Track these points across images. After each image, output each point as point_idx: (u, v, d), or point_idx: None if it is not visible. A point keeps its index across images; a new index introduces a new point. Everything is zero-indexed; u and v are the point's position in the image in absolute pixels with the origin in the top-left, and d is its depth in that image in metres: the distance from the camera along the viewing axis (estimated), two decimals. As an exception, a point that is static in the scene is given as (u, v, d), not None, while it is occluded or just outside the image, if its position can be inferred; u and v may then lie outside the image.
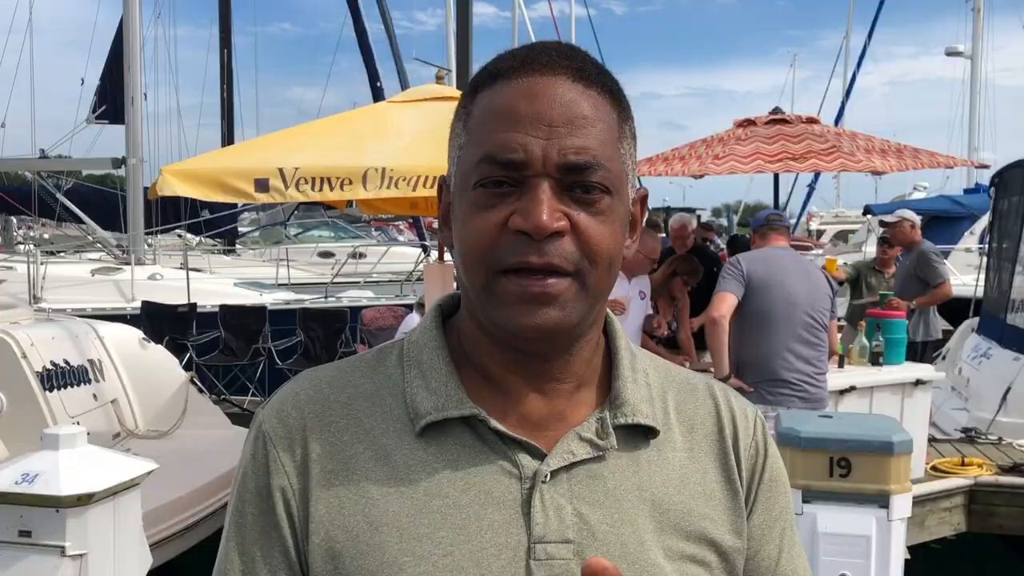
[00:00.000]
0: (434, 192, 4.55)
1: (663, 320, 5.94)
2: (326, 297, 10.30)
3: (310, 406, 0.84)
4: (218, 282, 10.86)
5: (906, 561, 3.31)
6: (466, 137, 0.83)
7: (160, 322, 9.10)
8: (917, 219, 7.33)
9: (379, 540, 0.79)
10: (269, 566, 0.82)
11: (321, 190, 4.60)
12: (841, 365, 5.26)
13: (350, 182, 4.60)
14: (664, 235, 8.13)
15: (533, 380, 0.84)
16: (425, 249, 12.66)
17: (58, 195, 12.61)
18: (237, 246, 16.92)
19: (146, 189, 10.19)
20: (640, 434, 0.86)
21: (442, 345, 0.86)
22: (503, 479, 0.81)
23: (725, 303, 4.25)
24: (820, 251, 20.82)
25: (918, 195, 19.86)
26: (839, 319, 5.52)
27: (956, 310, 8.25)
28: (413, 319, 8.08)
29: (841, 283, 7.14)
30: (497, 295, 0.79)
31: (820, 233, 27.02)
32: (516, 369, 0.84)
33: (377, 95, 13.06)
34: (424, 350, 0.87)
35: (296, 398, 0.85)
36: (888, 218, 7.58)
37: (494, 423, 0.81)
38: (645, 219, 0.92)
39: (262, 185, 4.61)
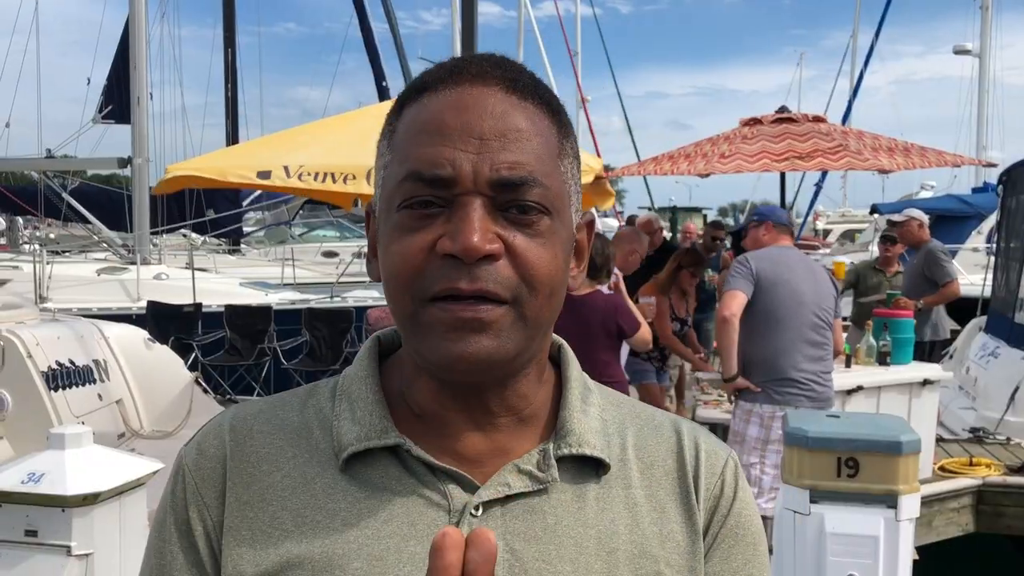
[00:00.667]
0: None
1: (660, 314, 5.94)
2: (332, 297, 10.31)
3: (231, 435, 0.80)
4: (224, 282, 10.88)
5: (914, 562, 3.29)
6: (390, 155, 0.77)
7: (166, 322, 9.11)
8: (925, 218, 7.31)
9: (290, 573, 0.74)
10: None
11: (324, 182, 4.62)
12: (848, 365, 5.24)
13: (353, 177, 4.61)
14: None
15: (469, 416, 0.78)
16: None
17: (64, 195, 12.65)
18: (242, 246, 16.95)
19: (152, 188, 10.24)
20: (589, 468, 0.80)
21: (372, 375, 0.82)
22: (428, 511, 0.75)
23: (736, 301, 4.24)
24: (827, 250, 20.80)
25: (925, 194, 19.77)
26: (844, 319, 5.50)
27: (963, 309, 8.22)
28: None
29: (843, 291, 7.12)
30: (424, 325, 0.73)
31: (826, 232, 26.98)
32: (452, 405, 0.78)
33: (383, 94, 13.09)
34: (354, 382, 0.82)
35: (219, 429, 0.81)
36: (896, 217, 7.55)
37: (417, 451, 0.76)
38: (625, 220, 0.86)
39: (264, 175, 4.65)
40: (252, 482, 0.78)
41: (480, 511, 0.75)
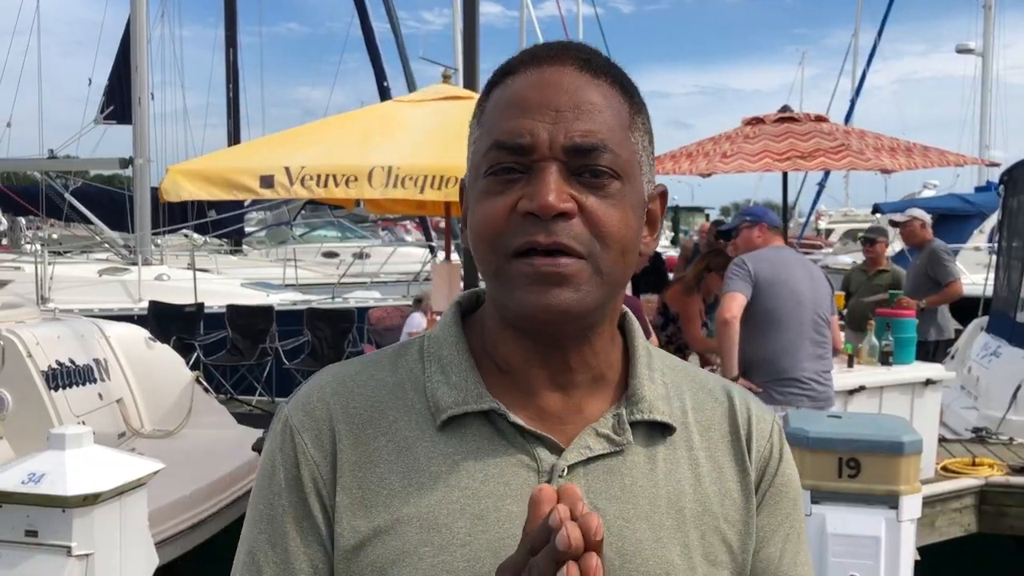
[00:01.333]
0: (440, 193, 4.56)
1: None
2: (333, 297, 10.32)
3: (335, 399, 0.86)
4: (225, 282, 10.89)
5: (915, 562, 3.28)
6: (479, 131, 0.85)
7: (167, 322, 9.12)
8: (927, 218, 7.27)
9: (400, 530, 0.80)
10: (307, 555, 0.83)
11: (326, 187, 4.59)
12: (851, 365, 5.23)
13: (356, 179, 4.59)
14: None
15: (551, 372, 0.85)
16: (432, 249, 12.66)
17: (66, 195, 12.65)
18: (244, 246, 16.96)
19: (154, 189, 10.24)
20: (657, 431, 0.87)
21: (461, 340, 0.88)
22: (521, 472, 0.82)
23: (735, 303, 4.22)
24: (829, 250, 20.75)
25: (928, 193, 19.75)
26: (840, 316, 5.48)
27: (966, 309, 8.20)
28: (415, 318, 8.09)
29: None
30: (509, 278, 0.80)
31: (829, 232, 26.96)
32: (536, 360, 0.85)
33: (384, 94, 13.05)
34: (444, 346, 0.88)
35: (321, 392, 0.87)
36: (898, 217, 7.53)
37: (513, 417, 0.82)
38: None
39: (267, 182, 4.62)
40: (358, 444, 0.84)
41: (565, 472, 0.82)
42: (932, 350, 6.70)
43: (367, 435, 0.84)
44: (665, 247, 20.95)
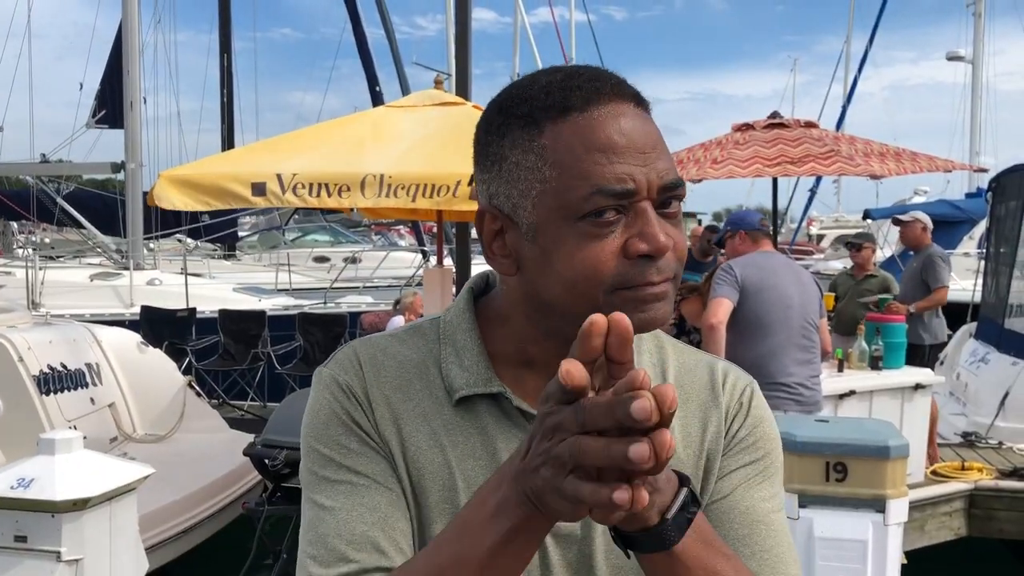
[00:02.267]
0: (432, 202, 4.56)
1: None
2: (325, 302, 10.31)
3: (368, 366, 0.95)
4: (217, 287, 10.87)
5: (902, 565, 3.30)
6: (552, 171, 0.85)
7: (159, 327, 9.11)
8: (929, 222, 7.28)
9: (424, 487, 0.91)
10: (384, 479, 0.91)
11: (319, 196, 4.59)
12: (841, 369, 5.26)
13: (348, 189, 4.58)
14: None
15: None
16: (424, 254, 12.67)
17: (58, 199, 12.63)
18: (236, 251, 16.93)
19: (146, 194, 10.22)
20: None
21: (474, 328, 0.96)
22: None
23: (722, 308, 4.23)
24: (820, 256, 20.80)
25: (919, 199, 19.80)
26: (829, 316, 5.49)
27: (954, 315, 8.23)
28: (396, 321, 8.09)
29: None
30: (614, 307, 0.81)
31: (820, 238, 27.06)
32: (561, 354, 0.90)
33: (376, 100, 13.05)
34: (458, 331, 0.97)
35: (357, 359, 0.96)
36: (902, 217, 7.53)
37: (517, 401, 0.93)
38: None
39: (259, 189, 4.61)
40: (389, 405, 0.94)
41: None
42: (926, 354, 6.71)
43: (396, 399, 0.94)
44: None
